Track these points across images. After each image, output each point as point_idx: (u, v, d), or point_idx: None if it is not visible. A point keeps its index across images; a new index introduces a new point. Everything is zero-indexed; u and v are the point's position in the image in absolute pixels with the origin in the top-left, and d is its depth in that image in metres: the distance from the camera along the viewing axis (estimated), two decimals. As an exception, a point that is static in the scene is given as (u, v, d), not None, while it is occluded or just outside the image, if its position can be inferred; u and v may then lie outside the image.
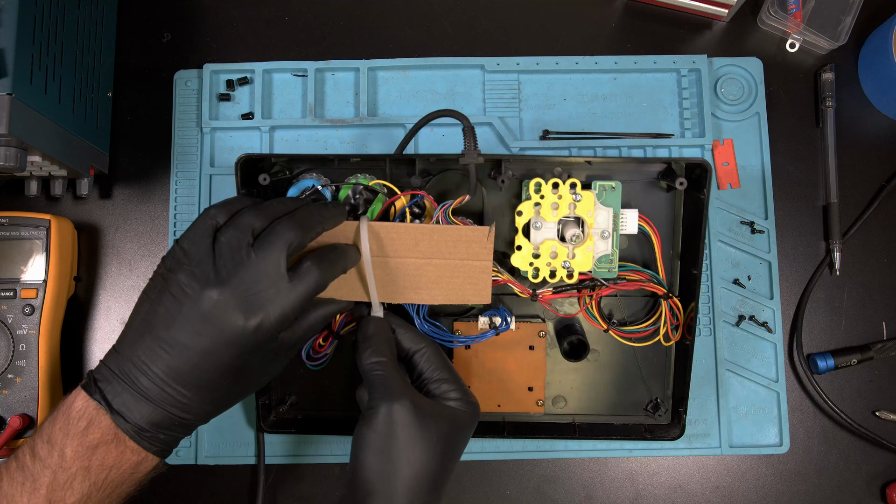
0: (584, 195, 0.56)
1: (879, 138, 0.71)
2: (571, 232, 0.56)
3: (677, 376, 0.63)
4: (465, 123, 0.55)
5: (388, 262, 0.54)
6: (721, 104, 0.70)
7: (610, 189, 0.58)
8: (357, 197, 0.57)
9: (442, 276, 0.55)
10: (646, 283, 0.59)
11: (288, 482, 0.67)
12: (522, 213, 0.57)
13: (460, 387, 0.52)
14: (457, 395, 0.52)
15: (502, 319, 0.60)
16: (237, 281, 0.45)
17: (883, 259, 0.69)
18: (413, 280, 0.55)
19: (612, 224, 0.58)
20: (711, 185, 0.56)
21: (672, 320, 0.60)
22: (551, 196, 0.56)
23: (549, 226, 0.57)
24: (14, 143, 0.55)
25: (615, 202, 0.58)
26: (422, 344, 0.54)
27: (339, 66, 0.70)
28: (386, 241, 0.54)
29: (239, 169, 0.56)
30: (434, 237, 0.54)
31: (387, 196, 0.57)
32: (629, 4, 0.73)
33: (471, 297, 0.55)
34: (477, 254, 0.54)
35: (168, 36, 0.72)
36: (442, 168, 0.60)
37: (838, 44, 0.69)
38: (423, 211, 0.57)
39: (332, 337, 0.58)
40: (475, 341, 0.60)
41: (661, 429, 0.63)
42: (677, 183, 0.58)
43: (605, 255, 0.58)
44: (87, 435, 0.45)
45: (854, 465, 0.67)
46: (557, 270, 0.57)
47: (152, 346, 0.45)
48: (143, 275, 0.69)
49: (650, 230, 0.59)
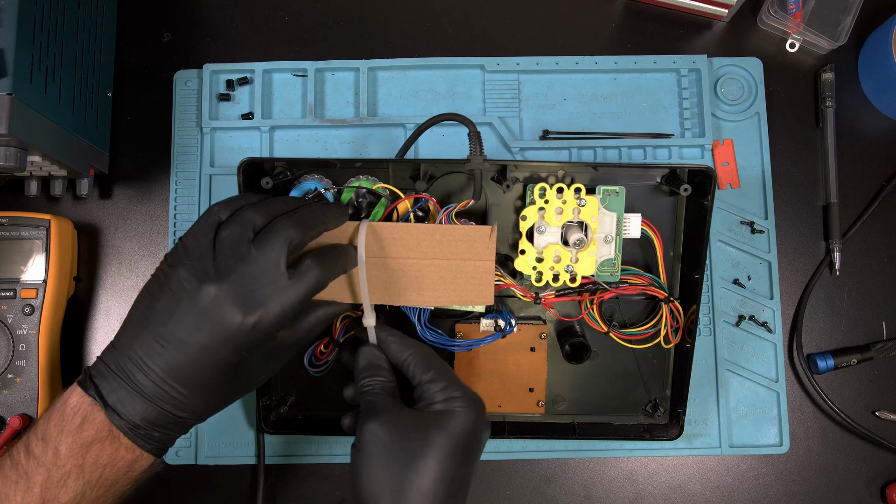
0: (588, 200, 0.56)
1: (879, 138, 0.71)
2: (575, 237, 0.56)
3: (676, 378, 0.63)
4: (472, 129, 0.54)
5: (390, 262, 0.54)
6: (721, 104, 0.70)
7: (614, 194, 0.58)
8: (360, 200, 0.57)
9: (444, 277, 0.54)
10: (647, 286, 0.59)
11: (288, 482, 0.67)
12: (526, 218, 0.57)
13: (452, 385, 0.51)
14: (444, 395, 0.50)
15: (506, 322, 0.60)
16: (236, 276, 0.45)
17: (883, 259, 0.69)
18: (415, 281, 0.54)
19: (616, 228, 0.58)
20: (715, 191, 0.56)
21: (672, 323, 0.60)
22: (555, 201, 0.56)
23: (552, 230, 0.57)
24: (14, 143, 0.55)
25: (619, 207, 0.58)
26: (407, 351, 0.53)
27: (338, 66, 0.70)
28: (387, 242, 0.53)
29: (241, 173, 0.56)
30: (436, 237, 0.53)
31: (389, 199, 0.57)
32: (629, 4, 0.73)
33: (473, 298, 0.55)
34: (479, 253, 0.54)
35: (168, 36, 0.72)
36: (445, 171, 0.60)
37: (838, 44, 0.69)
38: (427, 215, 0.57)
39: (332, 344, 0.58)
40: (479, 345, 0.60)
41: (660, 429, 0.63)
42: (682, 189, 0.58)
43: (608, 260, 0.58)
44: (81, 432, 0.44)
45: (854, 465, 0.67)
46: (560, 274, 0.57)
47: (149, 341, 0.45)
48: (143, 275, 0.69)
49: (653, 234, 0.59)
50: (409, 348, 0.53)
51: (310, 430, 0.63)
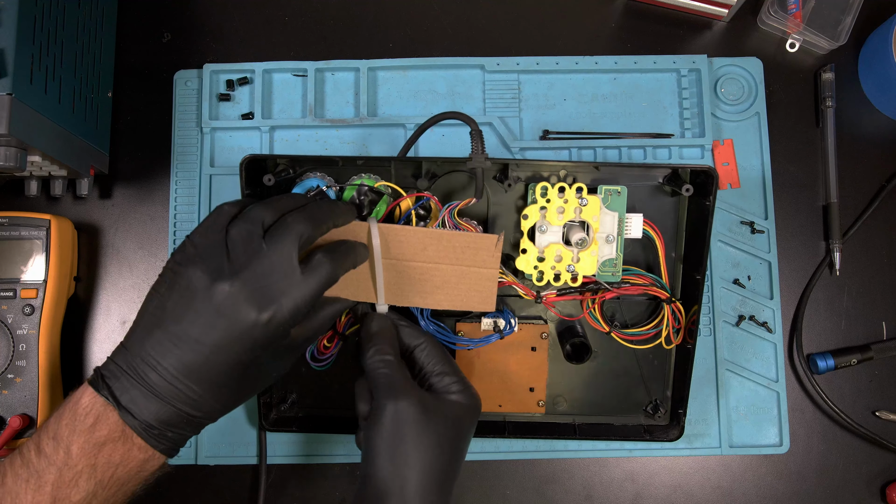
0: (590, 200, 0.56)
1: (879, 138, 0.71)
2: (577, 236, 0.56)
3: (677, 378, 0.63)
4: (474, 127, 0.54)
5: (395, 265, 0.54)
6: (721, 104, 0.70)
7: (615, 193, 0.58)
8: (362, 198, 0.57)
9: (448, 282, 0.55)
10: (649, 287, 0.59)
11: (289, 482, 0.67)
12: (528, 217, 0.57)
13: (461, 379, 0.52)
14: (459, 387, 0.51)
15: (506, 322, 0.60)
16: (249, 273, 0.44)
17: (883, 259, 0.69)
18: (419, 284, 0.55)
19: (617, 228, 0.58)
20: (717, 192, 0.56)
21: (674, 324, 0.60)
22: (557, 200, 0.56)
23: (554, 230, 0.57)
24: (14, 143, 0.55)
25: (620, 207, 0.58)
26: (422, 338, 0.54)
27: (339, 66, 0.70)
28: (393, 244, 0.54)
29: (243, 169, 0.56)
30: (442, 242, 0.54)
31: (391, 197, 0.57)
32: (629, 4, 0.73)
33: (475, 304, 0.56)
34: (484, 261, 0.54)
35: (168, 36, 0.72)
36: (447, 169, 0.60)
37: (838, 44, 0.69)
38: (429, 213, 0.57)
39: (337, 338, 0.58)
40: (479, 345, 0.60)
41: (661, 430, 0.63)
42: (683, 189, 0.58)
43: (610, 259, 0.58)
44: (94, 432, 0.44)
45: (854, 465, 0.67)
46: (562, 274, 0.57)
47: (162, 341, 0.44)
48: (143, 275, 0.69)
49: (654, 234, 0.59)
50: (423, 335, 0.54)
51: (311, 429, 0.64)
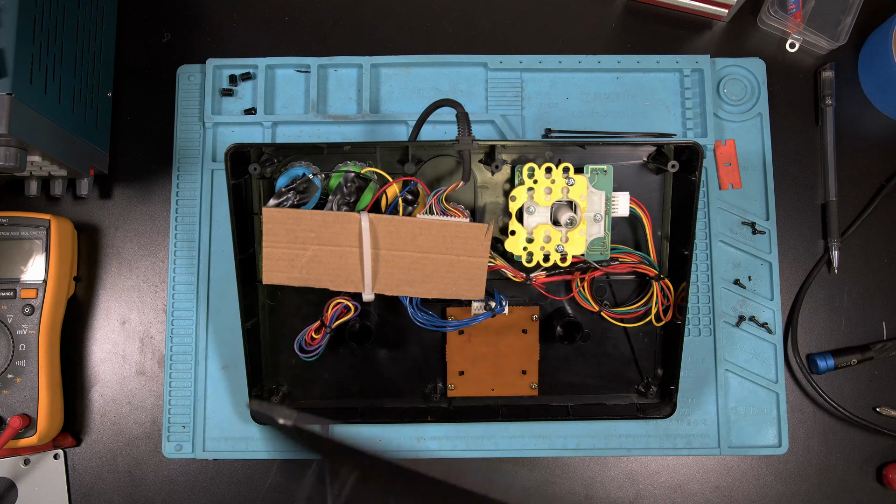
0: (577, 179, 0.57)
1: (879, 138, 0.71)
2: (566, 215, 0.57)
3: (668, 355, 0.63)
4: (459, 109, 0.55)
5: (386, 254, 0.55)
6: (723, 104, 0.70)
7: (602, 172, 0.58)
8: (349, 185, 0.57)
9: (438, 271, 0.56)
10: (637, 265, 0.60)
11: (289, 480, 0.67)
12: (516, 198, 0.57)
13: None
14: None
15: (497, 302, 0.60)
16: None
17: (883, 259, 0.70)
18: (409, 273, 0.56)
19: (605, 207, 0.58)
20: (703, 166, 0.57)
21: (663, 301, 0.60)
22: (544, 181, 0.57)
23: (542, 210, 0.57)
24: (14, 143, 0.55)
25: (607, 185, 0.58)
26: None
27: (341, 63, 0.70)
28: (383, 234, 0.55)
29: (228, 159, 0.56)
30: (432, 232, 0.54)
31: (378, 184, 0.57)
32: (629, 4, 0.73)
33: (465, 292, 0.56)
34: (474, 250, 0.55)
35: (168, 35, 0.72)
36: (434, 154, 0.60)
37: (838, 44, 0.70)
38: (416, 198, 0.58)
39: (324, 329, 0.58)
40: (470, 324, 0.60)
41: (653, 407, 0.64)
42: (669, 166, 0.58)
43: (598, 238, 0.59)
44: None
45: (854, 464, 0.67)
46: (551, 254, 0.57)
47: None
48: (142, 275, 0.69)
49: (641, 213, 0.60)
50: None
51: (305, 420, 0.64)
